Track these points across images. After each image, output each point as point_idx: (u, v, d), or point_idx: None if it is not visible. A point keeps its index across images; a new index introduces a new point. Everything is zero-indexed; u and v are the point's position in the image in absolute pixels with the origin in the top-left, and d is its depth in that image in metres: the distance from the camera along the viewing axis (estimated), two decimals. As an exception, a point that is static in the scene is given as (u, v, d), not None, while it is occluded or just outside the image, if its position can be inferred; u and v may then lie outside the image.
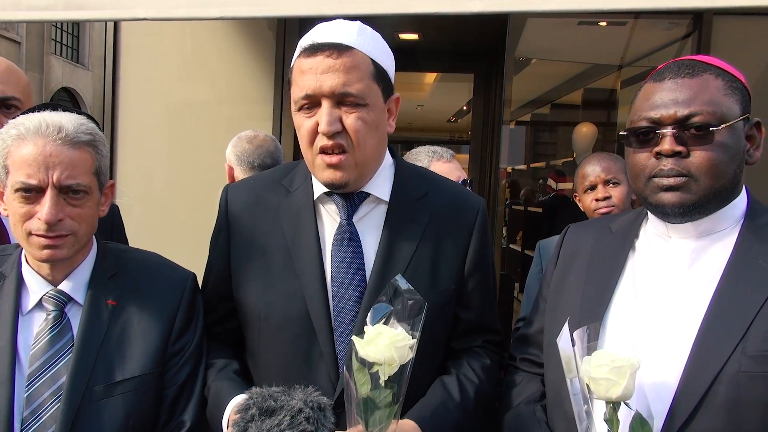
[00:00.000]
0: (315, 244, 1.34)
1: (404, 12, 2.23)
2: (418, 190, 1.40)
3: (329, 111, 1.24)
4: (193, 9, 2.37)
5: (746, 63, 3.59)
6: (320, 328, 1.30)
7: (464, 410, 1.32)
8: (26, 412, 1.23)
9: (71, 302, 1.32)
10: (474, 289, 1.41)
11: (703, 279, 1.16)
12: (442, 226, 1.38)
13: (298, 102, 1.28)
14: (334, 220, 1.36)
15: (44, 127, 1.24)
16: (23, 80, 2.01)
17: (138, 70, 3.77)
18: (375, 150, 1.33)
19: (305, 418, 1.05)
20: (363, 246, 1.34)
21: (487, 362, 1.42)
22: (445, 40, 4.80)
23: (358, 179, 1.32)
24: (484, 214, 1.44)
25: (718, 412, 1.04)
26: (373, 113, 1.28)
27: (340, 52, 1.25)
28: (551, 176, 5.54)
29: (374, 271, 1.32)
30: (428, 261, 1.35)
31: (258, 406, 1.07)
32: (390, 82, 1.35)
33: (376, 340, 1.04)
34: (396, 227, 1.35)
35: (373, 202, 1.38)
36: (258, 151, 2.43)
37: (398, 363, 1.05)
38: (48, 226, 1.23)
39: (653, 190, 1.16)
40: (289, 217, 1.38)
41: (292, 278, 1.33)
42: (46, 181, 1.23)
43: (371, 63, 1.29)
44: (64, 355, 1.27)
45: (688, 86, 1.15)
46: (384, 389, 1.07)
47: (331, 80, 1.23)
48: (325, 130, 1.24)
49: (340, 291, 1.31)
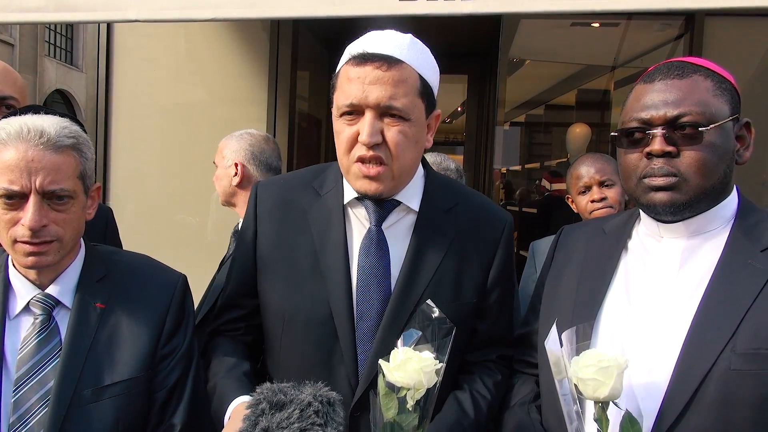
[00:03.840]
0: (343, 248, 1.34)
1: (396, 13, 2.23)
2: (447, 201, 1.41)
3: (372, 122, 1.24)
4: (185, 10, 2.36)
5: (738, 63, 3.62)
6: (343, 331, 1.30)
7: (478, 426, 1.33)
8: (13, 417, 1.21)
9: (59, 306, 1.31)
10: (494, 303, 1.41)
11: (694, 278, 1.16)
12: (468, 239, 1.38)
13: (341, 108, 1.28)
14: (363, 226, 1.36)
15: (26, 132, 1.21)
16: (20, 81, 2.02)
17: (131, 72, 3.76)
18: (412, 163, 1.33)
19: (314, 412, 1.05)
20: (390, 254, 1.34)
21: (498, 378, 1.43)
22: (438, 41, 4.80)
23: (392, 190, 1.33)
24: (510, 229, 1.44)
25: (708, 410, 1.05)
26: (414, 128, 1.28)
27: (390, 64, 1.24)
28: (545, 177, 5.55)
29: (399, 279, 1.32)
30: (453, 273, 1.35)
31: (268, 401, 1.07)
32: (434, 98, 1.35)
33: (405, 365, 1.04)
34: (423, 237, 1.36)
35: (403, 211, 1.38)
36: (275, 152, 2.42)
37: (426, 387, 1.05)
38: (32, 233, 1.21)
39: (644, 190, 1.17)
40: (318, 219, 1.38)
41: (319, 280, 1.33)
42: (29, 187, 1.20)
43: (419, 78, 1.28)
44: (52, 360, 1.26)
45: (677, 87, 1.16)
46: (411, 413, 1.07)
47: (377, 92, 1.23)
48: (366, 141, 1.24)
49: (364, 296, 1.32)
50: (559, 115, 6.28)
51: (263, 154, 2.35)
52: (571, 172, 2.42)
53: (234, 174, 2.31)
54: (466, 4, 2.16)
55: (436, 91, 1.35)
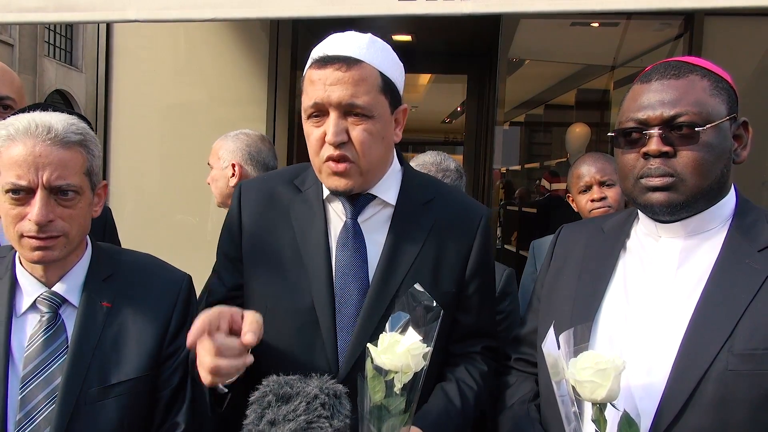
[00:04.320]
0: (323, 241, 1.38)
1: (396, 13, 2.23)
2: (424, 195, 1.44)
3: (336, 122, 1.28)
4: (185, 10, 2.36)
5: (737, 63, 3.62)
6: (324, 320, 1.34)
7: (465, 417, 1.35)
8: (20, 414, 1.23)
9: (65, 304, 1.32)
10: (474, 293, 1.43)
11: (691, 278, 1.17)
12: (445, 231, 1.41)
13: (307, 110, 1.32)
14: (341, 220, 1.40)
15: (34, 128, 1.23)
16: (17, 81, 2.03)
17: (131, 72, 3.75)
18: (380, 159, 1.36)
19: (321, 404, 1.06)
20: (368, 246, 1.38)
21: (484, 369, 1.45)
22: (438, 41, 4.81)
23: (362, 185, 1.36)
24: (487, 221, 1.47)
25: (705, 411, 1.05)
26: (379, 124, 1.32)
27: (349, 65, 1.28)
28: (545, 177, 5.56)
29: (377, 271, 1.36)
30: (430, 264, 1.38)
31: (274, 393, 1.08)
32: (398, 93, 1.38)
33: (392, 348, 1.06)
34: (401, 230, 1.39)
35: (380, 205, 1.41)
36: (271, 152, 2.42)
37: (413, 371, 1.07)
38: (39, 227, 1.22)
39: (642, 190, 1.18)
40: (299, 213, 1.42)
41: (300, 271, 1.37)
42: (36, 182, 1.22)
43: (379, 76, 1.32)
44: (59, 357, 1.27)
45: (674, 87, 1.16)
46: (398, 397, 1.08)
47: (339, 92, 1.27)
48: (331, 141, 1.28)
49: (343, 287, 1.35)
50: (559, 114, 6.27)
51: (260, 154, 2.35)
52: (572, 171, 2.43)
53: (231, 174, 2.31)
54: (466, 4, 2.16)
55: (400, 86, 1.39)
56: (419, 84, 7.41)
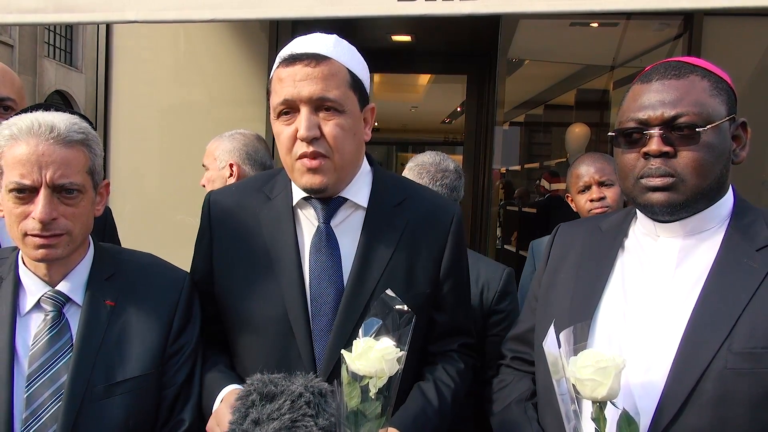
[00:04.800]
0: (294, 248, 1.36)
1: (395, 14, 2.23)
2: (395, 196, 1.43)
3: (308, 117, 1.27)
4: (184, 11, 2.36)
5: (736, 63, 3.62)
6: (298, 329, 1.32)
7: (442, 415, 1.35)
8: (26, 413, 1.23)
9: (69, 303, 1.33)
10: (449, 292, 1.43)
11: (690, 277, 1.17)
12: (418, 232, 1.40)
13: (277, 108, 1.31)
14: (313, 225, 1.39)
15: (37, 127, 1.24)
16: (17, 82, 2.03)
17: (131, 73, 3.76)
18: (353, 156, 1.36)
19: (306, 403, 1.04)
20: (341, 250, 1.36)
21: (461, 366, 1.46)
22: (437, 41, 4.81)
23: (336, 184, 1.35)
24: (459, 219, 1.46)
25: (704, 409, 1.06)
26: (350, 120, 1.32)
27: (318, 61, 1.28)
28: (545, 177, 5.56)
29: (352, 274, 1.34)
30: (404, 265, 1.38)
31: (258, 392, 1.06)
32: (366, 92, 1.38)
33: (366, 353, 1.05)
34: (374, 232, 1.38)
35: (351, 208, 1.40)
36: (268, 151, 2.41)
37: (387, 375, 1.06)
38: (42, 226, 1.23)
39: (641, 190, 1.18)
40: (269, 222, 1.40)
41: (272, 281, 1.35)
42: (40, 181, 1.23)
43: (348, 72, 1.32)
44: (64, 356, 1.28)
45: (674, 87, 1.16)
46: (374, 401, 1.08)
47: (309, 87, 1.27)
48: (303, 135, 1.27)
49: (318, 294, 1.34)
50: (559, 115, 6.27)
51: (257, 154, 2.34)
52: (571, 171, 2.44)
53: (230, 175, 2.29)
54: (465, 5, 2.16)
55: (367, 86, 1.39)
56: (419, 84, 7.40)
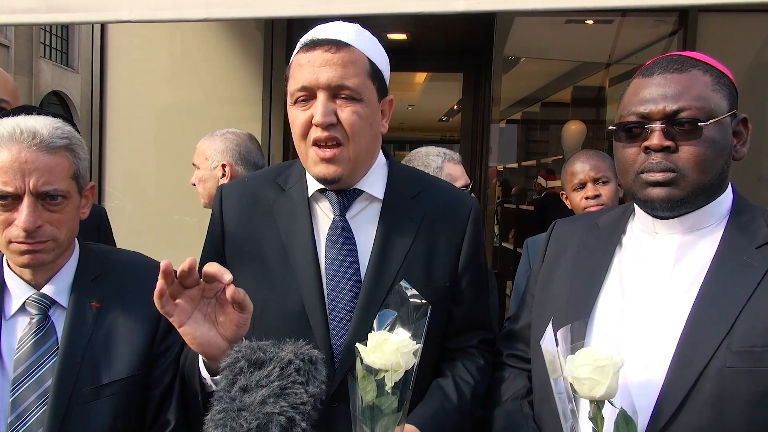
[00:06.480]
0: (310, 241, 1.34)
1: (389, 12, 2.22)
2: (412, 189, 1.42)
3: (325, 103, 1.26)
4: (178, 10, 2.35)
5: (731, 59, 3.61)
6: (316, 323, 1.30)
7: (462, 412, 1.33)
8: (12, 417, 1.22)
9: (55, 305, 1.31)
10: (467, 286, 1.42)
11: (689, 275, 1.16)
12: (436, 224, 1.39)
13: (294, 94, 1.29)
14: (328, 218, 1.37)
15: (18, 134, 1.22)
16: (10, 84, 2.02)
17: (126, 72, 3.75)
18: (368, 146, 1.34)
19: (295, 370, 1.00)
20: (357, 243, 1.34)
21: (481, 363, 1.43)
22: (433, 39, 4.81)
23: (351, 174, 1.33)
24: (477, 212, 1.45)
25: (703, 408, 1.05)
26: (368, 109, 1.30)
27: (338, 47, 1.27)
28: (541, 174, 5.56)
29: (369, 267, 1.32)
30: (423, 258, 1.36)
31: (247, 359, 1.02)
32: (385, 83, 1.37)
33: (381, 346, 1.04)
34: (391, 224, 1.36)
35: (367, 200, 1.39)
36: (260, 151, 2.39)
37: (404, 369, 1.05)
38: (27, 234, 1.22)
39: (642, 185, 1.17)
40: (284, 214, 1.38)
41: (288, 274, 1.33)
42: (23, 188, 1.21)
43: (368, 61, 1.30)
44: (50, 359, 1.27)
45: (677, 81, 1.15)
46: (390, 396, 1.06)
47: (328, 73, 1.25)
48: (319, 121, 1.25)
49: (334, 286, 1.32)
50: (555, 112, 6.27)
51: (250, 154, 2.32)
52: (566, 168, 2.43)
53: (222, 175, 2.27)
54: (460, 2, 2.16)
55: (387, 77, 1.38)
56: (415, 83, 7.40)
